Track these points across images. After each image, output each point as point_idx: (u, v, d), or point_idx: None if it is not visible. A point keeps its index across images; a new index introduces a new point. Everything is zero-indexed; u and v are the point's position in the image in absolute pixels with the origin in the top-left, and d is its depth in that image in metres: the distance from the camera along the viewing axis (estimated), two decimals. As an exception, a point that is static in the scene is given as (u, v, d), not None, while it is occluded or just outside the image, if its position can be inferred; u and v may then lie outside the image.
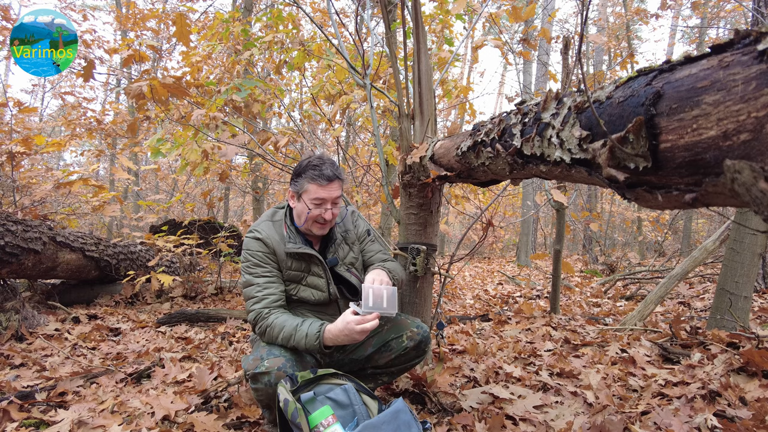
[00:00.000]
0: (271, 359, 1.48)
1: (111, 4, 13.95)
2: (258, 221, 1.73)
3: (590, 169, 0.99)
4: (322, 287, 1.70)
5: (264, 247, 1.64)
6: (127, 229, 8.63)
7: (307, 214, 1.61)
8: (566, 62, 2.95)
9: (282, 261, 1.66)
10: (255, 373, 1.47)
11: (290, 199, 1.68)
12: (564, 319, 3.63)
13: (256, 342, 1.68)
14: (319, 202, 1.60)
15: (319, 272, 1.69)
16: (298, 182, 1.62)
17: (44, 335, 3.01)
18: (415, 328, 1.78)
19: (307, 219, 1.63)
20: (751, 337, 2.36)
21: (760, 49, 0.62)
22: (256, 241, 1.65)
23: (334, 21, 2.91)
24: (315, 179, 1.58)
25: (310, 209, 1.60)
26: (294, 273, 1.68)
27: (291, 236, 1.67)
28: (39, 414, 1.82)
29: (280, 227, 1.69)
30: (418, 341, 1.76)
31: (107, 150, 8.01)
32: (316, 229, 1.66)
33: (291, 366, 1.49)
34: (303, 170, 1.61)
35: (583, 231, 9.54)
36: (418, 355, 1.79)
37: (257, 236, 1.65)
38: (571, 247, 13.63)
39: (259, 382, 1.47)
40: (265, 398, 1.51)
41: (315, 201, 1.59)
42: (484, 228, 2.79)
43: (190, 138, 3.44)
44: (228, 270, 6.35)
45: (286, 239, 1.66)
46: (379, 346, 1.77)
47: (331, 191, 1.60)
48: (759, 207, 0.62)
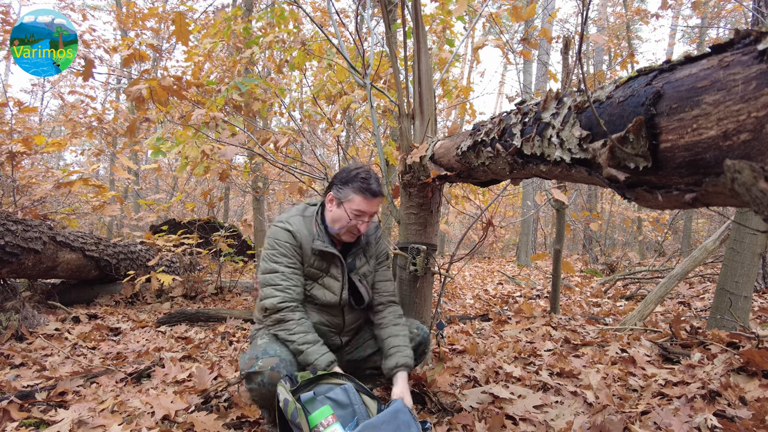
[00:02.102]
0: (265, 359, 1.48)
1: (111, 3, 13.96)
2: (288, 214, 1.74)
3: (590, 169, 0.99)
4: (336, 290, 1.70)
5: (293, 239, 1.65)
6: (127, 228, 8.64)
7: (347, 223, 1.64)
8: (566, 62, 2.95)
9: (306, 257, 1.67)
10: (249, 373, 1.48)
11: (329, 202, 1.69)
12: (564, 319, 3.63)
13: (254, 340, 1.68)
14: (360, 214, 1.63)
15: (336, 274, 1.70)
16: (343, 190, 1.64)
17: (44, 335, 3.01)
18: (414, 329, 1.77)
19: (343, 227, 1.65)
20: (751, 337, 2.36)
21: (761, 49, 0.62)
22: (286, 233, 1.66)
23: (335, 21, 2.91)
24: (362, 192, 1.62)
25: (350, 219, 1.63)
26: (314, 271, 1.68)
27: (320, 234, 1.68)
28: (39, 414, 1.82)
29: (311, 224, 1.71)
30: (417, 343, 1.76)
31: (107, 149, 8.00)
32: (347, 237, 1.68)
33: (285, 366, 1.49)
34: (350, 180, 1.64)
35: (583, 231, 9.54)
36: (416, 357, 1.78)
37: (288, 228, 1.66)
38: (571, 246, 13.62)
39: (253, 382, 1.47)
40: (259, 398, 1.51)
41: (356, 212, 1.63)
42: (484, 228, 2.79)
43: (190, 137, 3.44)
44: (228, 270, 6.35)
45: (315, 236, 1.68)
46: (378, 347, 1.77)
47: (373, 206, 1.65)
48: (759, 207, 0.62)
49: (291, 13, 4.00)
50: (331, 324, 1.73)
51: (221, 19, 4.25)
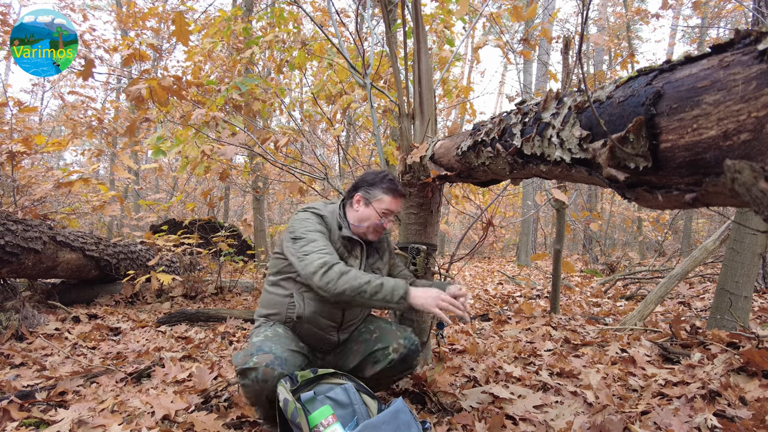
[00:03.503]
0: (260, 355, 1.48)
1: (111, 3, 13.95)
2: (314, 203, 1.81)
3: (590, 169, 0.99)
4: None
5: (323, 222, 1.74)
6: (128, 228, 8.64)
7: (375, 221, 1.74)
8: (566, 62, 2.95)
9: (333, 242, 1.74)
10: (243, 369, 1.48)
11: (356, 203, 1.78)
12: (564, 319, 3.63)
13: (249, 338, 1.69)
14: (387, 213, 1.76)
15: (354, 264, 1.77)
16: (371, 191, 1.76)
17: (44, 335, 3.01)
18: (402, 340, 1.74)
19: (371, 225, 1.75)
20: (751, 337, 2.36)
21: (761, 49, 0.62)
22: (317, 216, 1.74)
23: (335, 21, 2.91)
24: (391, 192, 1.76)
25: (380, 217, 1.74)
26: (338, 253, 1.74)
27: (342, 225, 1.78)
28: (39, 413, 1.82)
29: (334, 216, 1.79)
30: (404, 355, 1.73)
31: (107, 149, 8.00)
32: (372, 235, 1.78)
33: (280, 364, 1.48)
34: (379, 182, 1.77)
35: (583, 231, 9.54)
36: (404, 369, 1.77)
37: (320, 213, 1.75)
38: (571, 246, 13.63)
39: (247, 378, 1.47)
40: (253, 394, 1.50)
41: (385, 211, 1.75)
42: (484, 228, 2.79)
43: (191, 137, 3.44)
44: (228, 270, 6.35)
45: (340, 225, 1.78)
46: (366, 355, 1.75)
47: (399, 206, 1.80)
48: (759, 207, 0.62)
49: (290, 14, 4.00)
50: (331, 317, 1.73)
51: (221, 19, 4.25)
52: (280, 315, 1.71)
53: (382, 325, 1.83)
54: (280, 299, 1.73)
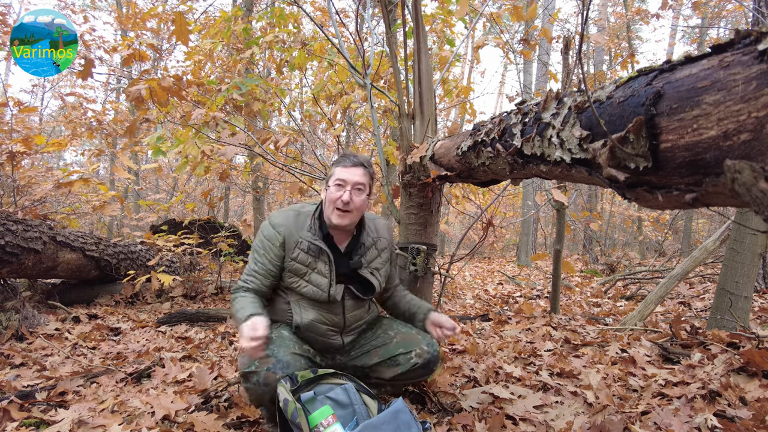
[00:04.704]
0: (261, 359, 1.49)
1: (111, 3, 13.96)
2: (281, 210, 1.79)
3: (590, 169, 0.99)
4: (323, 287, 1.68)
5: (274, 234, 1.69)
6: (128, 228, 8.64)
7: (332, 197, 1.66)
8: (567, 62, 2.95)
9: (288, 249, 1.68)
10: (245, 372, 1.49)
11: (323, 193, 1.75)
12: (564, 319, 3.63)
13: None
14: (341, 183, 1.65)
15: (324, 271, 1.68)
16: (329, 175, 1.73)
17: (44, 335, 3.01)
18: (425, 345, 1.75)
19: (330, 204, 1.67)
20: (751, 337, 2.36)
21: (761, 49, 0.62)
22: (268, 228, 1.72)
23: (335, 21, 2.91)
24: (339, 163, 1.70)
25: (329, 188, 1.67)
26: (298, 266, 1.67)
27: (312, 227, 1.71)
28: (39, 413, 1.82)
29: (305, 218, 1.73)
30: (427, 360, 1.74)
31: (107, 149, 8.00)
32: (336, 216, 1.65)
33: (281, 368, 1.49)
34: (334, 164, 1.74)
35: (583, 231, 9.54)
36: (425, 373, 1.78)
37: (270, 221, 1.73)
38: (571, 247, 13.62)
39: (249, 381, 1.49)
40: (255, 397, 1.52)
41: (337, 182, 1.66)
42: (484, 228, 2.79)
43: (191, 137, 3.44)
44: (228, 270, 6.35)
45: (307, 229, 1.70)
46: (386, 358, 1.75)
47: (353, 174, 1.66)
48: (759, 207, 0.62)
49: (291, 14, 4.00)
50: (331, 322, 1.73)
51: (221, 20, 4.26)
52: (281, 322, 1.75)
53: (403, 329, 1.82)
54: (280, 306, 1.76)
